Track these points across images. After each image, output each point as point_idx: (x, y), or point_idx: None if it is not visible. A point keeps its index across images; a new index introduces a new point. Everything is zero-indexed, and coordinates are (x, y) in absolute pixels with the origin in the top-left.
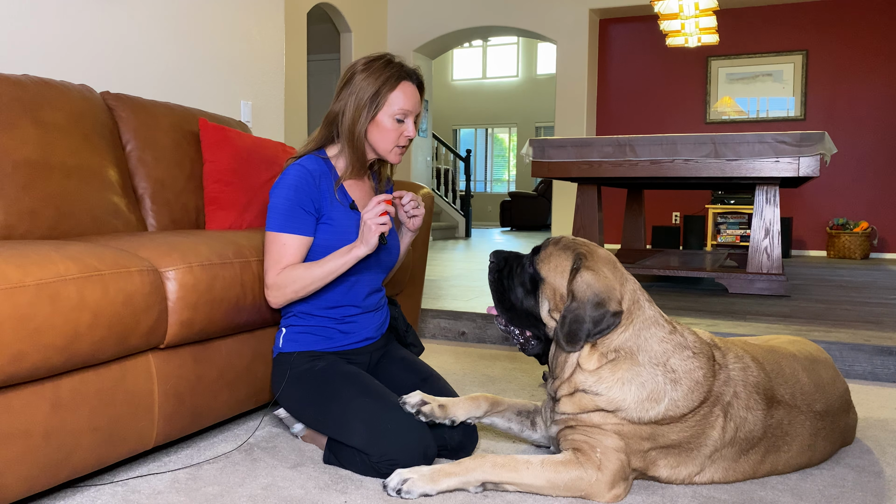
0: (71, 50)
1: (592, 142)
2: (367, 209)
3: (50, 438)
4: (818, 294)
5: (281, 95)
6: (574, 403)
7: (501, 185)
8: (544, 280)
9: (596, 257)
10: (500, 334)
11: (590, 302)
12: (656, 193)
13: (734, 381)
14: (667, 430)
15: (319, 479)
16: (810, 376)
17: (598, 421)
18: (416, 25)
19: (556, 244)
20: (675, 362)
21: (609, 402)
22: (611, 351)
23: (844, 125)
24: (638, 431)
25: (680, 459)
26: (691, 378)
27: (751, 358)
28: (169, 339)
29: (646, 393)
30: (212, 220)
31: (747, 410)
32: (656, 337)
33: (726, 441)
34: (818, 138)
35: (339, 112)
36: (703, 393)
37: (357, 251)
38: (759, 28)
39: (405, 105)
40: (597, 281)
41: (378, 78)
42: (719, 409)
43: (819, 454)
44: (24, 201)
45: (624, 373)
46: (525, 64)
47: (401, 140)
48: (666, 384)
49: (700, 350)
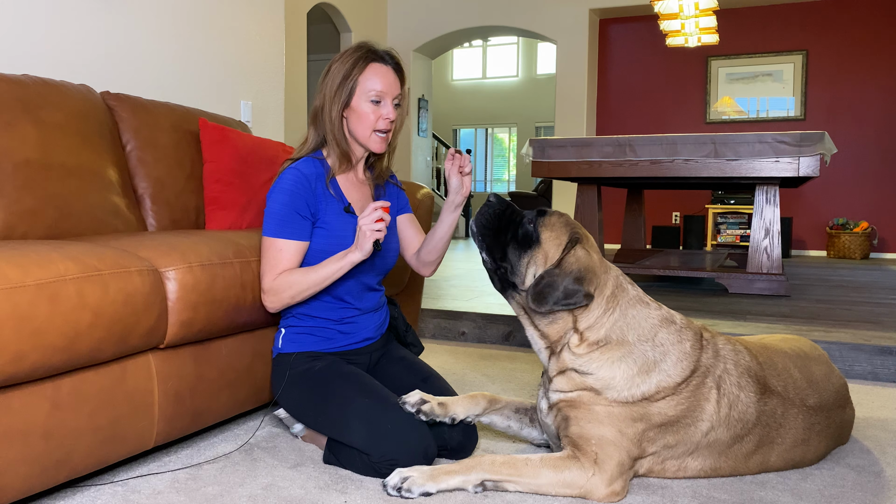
0: (71, 50)
1: (592, 142)
2: (363, 215)
3: (50, 438)
4: (818, 294)
5: (281, 95)
6: (567, 380)
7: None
8: (541, 244)
9: (590, 242)
10: (500, 334)
11: (572, 274)
12: (656, 193)
13: (724, 357)
14: (662, 405)
15: (319, 479)
16: (802, 372)
17: (588, 401)
18: (416, 25)
19: (560, 217)
20: (662, 336)
21: (598, 380)
22: (602, 338)
23: (844, 125)
24: (629, 412)
25: (678, 437)
26: (679, 349)
27: (742, 346)
28: (169, 339)
29: (636, 369)
30: (212, 220)
31: (740, 389)
32: (643, 314)
33: (721, 418)
34: (818, 138)
35: (319, 106)
36: (692, 362)
37: (352, 256)
38: (759, 28)
39: (377, 86)
40: (586, 259)
41: (347, 62)
42: (711, 380)
43: (813, 450)
44: (24, 201)
45: (614, 352)
46: (525, 64)
47: (379, 124)
48: (655, 356)
49: (687, 325)
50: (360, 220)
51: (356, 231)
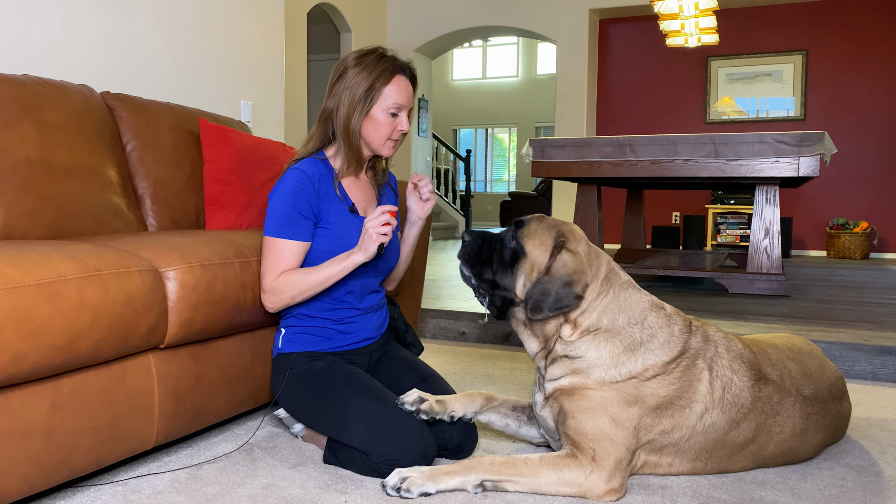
0: (71, 50)
1: (592, 142)
2: (370, 217)
3: (50, 438)
4: (818, 294)
5: (281, 95)
6: (558, 368)
7: (501, 185)
8: (527, 255)
9: (576, 238)
10: (500, 334)
11: (561, 280)
12: (656, 193)
13: (714, 342)
14: (654, 385)
15: (319, 479)
16: (797, 364)
17: (579, 384)
18: (416, 25)
19: (540, 221)
20: (651, 319)
21: (585, 361)
22: (593, 323)
23: (844, 125)
24: (621, 394)
25: (674, 421)
26: (667, 331)
27: (733, 335)
28: (169, 339)
29: (622, 347)
30: (212, 220)
31: (732, 372)
32: (634, 297)
33: (715, 399)
34: (818, 138)
35: (333, 108)
36: (680, 344)
37: (355, 258)
38: (759, 28)
39: (399, 99)
40: (573, 262)
41: (372, 72)
42: (702, 362)
43: (810, 441)
44: (24, 201)
45: (602, 336)
46: (525, 64)
47: (394, 134)
48: (642, 337)
49: (676, 312)
50: (367, 222)
51: (361, 232)
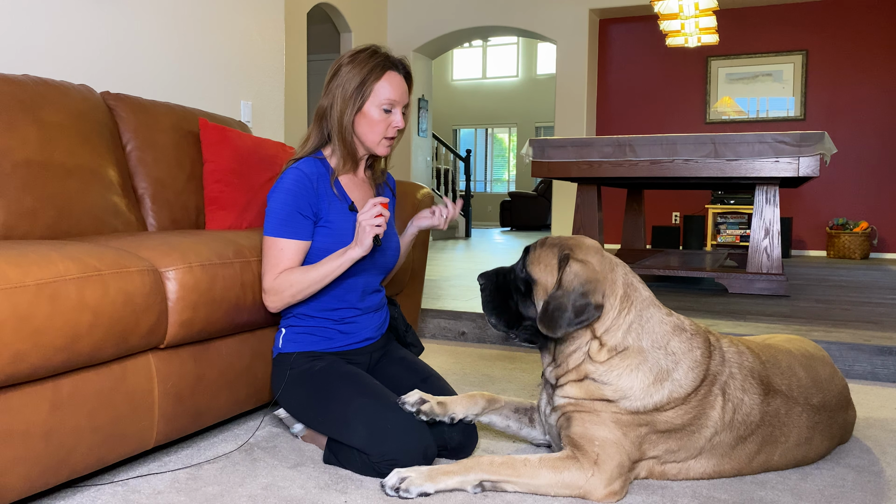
0: (71, 50)
1: (592, 142)
2: (362, 210)
3: (50, 438)
4: (818, 294)
5: (281, 95)
6: (581, 389)
7: (501, 185)
8: (536, 282)
9: (584, 248)
10: (500, 334)
11: (575, 291)
12: (656, 193)
13: (729, 361)
14: (670, 415)
15: (319, 479)
16: (807, 371)
17: (600, 408)
18: (416, 25)
19: (543, 245)
20: (674, 344)
21: (616, 391)
22: (619, 342)
23: (844, 125)
24: (637, 420)
25: (681, 443)
26: (691, 357)
27: (745, 346)
28: (169, 339)
29: (651, 378)
30: (212, 220)
31: (744, 392)
32: (656, 318)
33: (725, 423)
34: (818, 138)
35: (327, 106)
36: (702, 371)
37: (352, 253)
38: (759, 28)
39: (392, 95)
40: (584, 271)
41: (363, 68)
42: (717, 388)
43: (815, 449)
44: (24, 201)
45: (632, 359)
46: (525, 64)
47: (389, 131)
48: (668, 364)
49: (696, 331)
50: (360, 215)
51: (356, 227)
